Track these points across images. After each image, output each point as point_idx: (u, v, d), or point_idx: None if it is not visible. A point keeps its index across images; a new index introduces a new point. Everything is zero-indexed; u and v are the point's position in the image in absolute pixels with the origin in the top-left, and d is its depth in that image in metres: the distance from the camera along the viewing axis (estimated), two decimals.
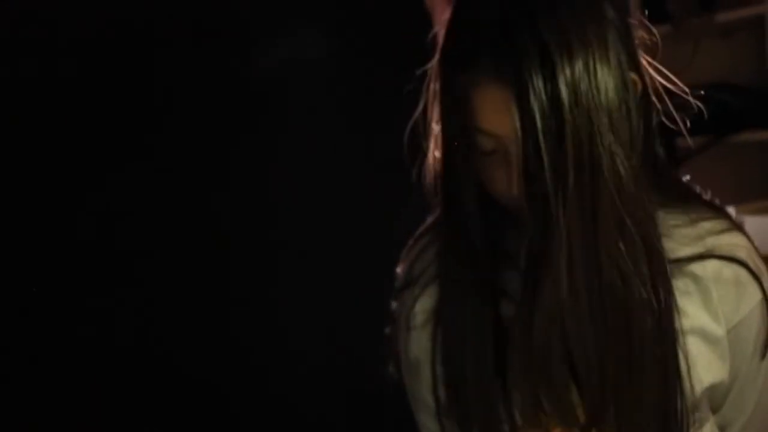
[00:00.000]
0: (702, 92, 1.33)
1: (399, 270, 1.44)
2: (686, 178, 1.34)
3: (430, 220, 1.38)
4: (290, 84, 2.21)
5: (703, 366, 1.26)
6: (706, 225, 1.29)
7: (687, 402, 1.24)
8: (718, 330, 1.26)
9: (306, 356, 2.21)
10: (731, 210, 1.34)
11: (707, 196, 1.33)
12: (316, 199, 2.21)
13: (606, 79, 1.14)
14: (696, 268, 1.26)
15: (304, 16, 2.22)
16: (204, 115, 2.17)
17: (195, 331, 2.15)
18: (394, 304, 1.44)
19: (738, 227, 1.30)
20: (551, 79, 1.12)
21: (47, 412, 2.08)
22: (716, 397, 1.30)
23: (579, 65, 1.13)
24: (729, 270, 1.27)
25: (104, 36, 2.09)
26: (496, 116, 1.16)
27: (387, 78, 2.08)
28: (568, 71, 1.12)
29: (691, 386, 1.25)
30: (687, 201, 1.30)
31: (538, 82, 1.12)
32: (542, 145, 1.12)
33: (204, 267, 2.18)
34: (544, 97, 1.12)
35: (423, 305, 1.36)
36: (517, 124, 1.13)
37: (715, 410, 1.31)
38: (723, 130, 3.32)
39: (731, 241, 1.28)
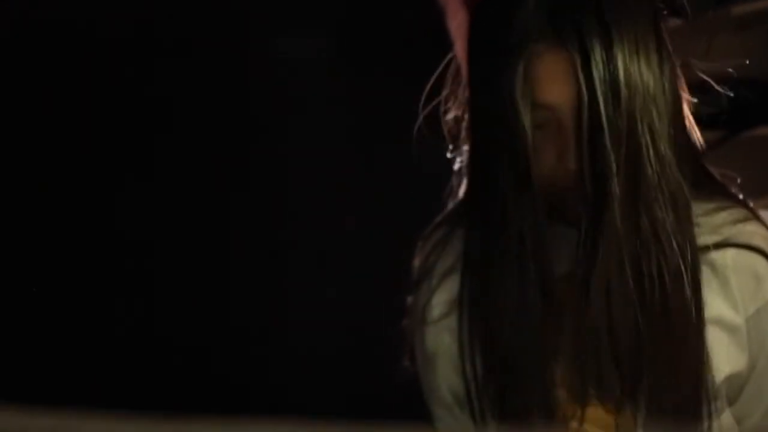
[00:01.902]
0: (716, 87, 1.34)
1: (415, 262, 1.43)
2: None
3: (446, 211, 1.38)
4: (291, 83, 2.20)
5: (722, 355, 1.26)
6: (725, 214, 1.29)
7: (709, 390, 1.24)
8: (737, 318, 1.26)
9: (309, 354, 2.20)
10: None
11: (727, 186, 1.33)
12: (321, 196, 2.20)
13: (653, 65, 1.20)
14: (714, 256, 1.27)
15: (306, 15, 2.22)
16: (205, 116, 2.17)
17: (198, 328, 2.15)
18: (410, 298, 1.43)
19: (757, 216, 1.30)
20: (609, 53, 1.17)
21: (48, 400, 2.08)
22: (734, 388, 1.30)
23: (631, 46, 1.18)
24: (747, 258, 1.27)
25: (104, 36, 2.09)
26: (555, 86, 1.19)
27: (390, 74, 2.08)
28: (623, 48, 1.18)
29: (711, 375, 1.25)
30: (710, 189, 1.30)
31: (600, 54, 1.17)
32: (602, 113, 1.17)
33: (208, 265, 2.18)
34: (602, 68, 1.17)
35: (440, 297, 1.36)
36: (584, 90, 1.17)
37: (732, 401, 1.31)
38: (738, 125, 3.30)
39: (749, 230, 1.29)
